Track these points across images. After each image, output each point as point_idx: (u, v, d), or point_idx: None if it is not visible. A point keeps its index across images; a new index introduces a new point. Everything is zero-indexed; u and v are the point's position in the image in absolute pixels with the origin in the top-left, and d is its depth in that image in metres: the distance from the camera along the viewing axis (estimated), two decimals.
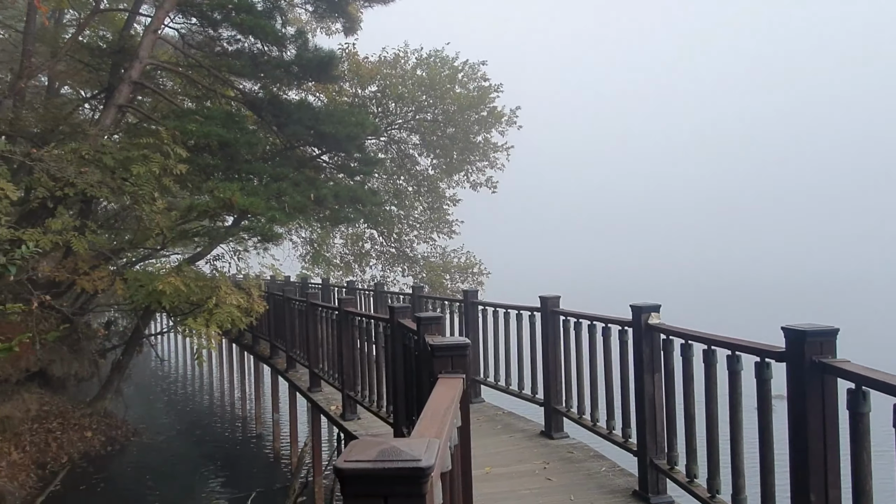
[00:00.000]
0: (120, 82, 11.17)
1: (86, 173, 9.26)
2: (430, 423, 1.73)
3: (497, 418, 6.58)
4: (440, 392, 2.15)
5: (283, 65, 10.94)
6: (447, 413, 1.86)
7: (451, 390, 2.19)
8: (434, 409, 1.91)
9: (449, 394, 2.12)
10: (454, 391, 2.19)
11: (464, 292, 7.33)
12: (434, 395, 2.08)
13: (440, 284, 15.56)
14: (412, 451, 1.11)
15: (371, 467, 1.08)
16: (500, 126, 15.78)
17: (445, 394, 2.11)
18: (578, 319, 5.30)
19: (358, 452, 1.13)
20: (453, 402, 2.02)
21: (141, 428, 13.30)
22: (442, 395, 2.09)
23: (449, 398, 2.06)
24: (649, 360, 4.19)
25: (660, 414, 4.20)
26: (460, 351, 2.46)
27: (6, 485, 9.78)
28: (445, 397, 2.05)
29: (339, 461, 1.11)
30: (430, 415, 1.82)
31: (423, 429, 1.69)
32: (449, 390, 2.18)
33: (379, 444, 1.12)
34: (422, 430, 1.68)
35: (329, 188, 10.48)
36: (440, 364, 2.46)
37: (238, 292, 9.26)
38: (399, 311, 5.16)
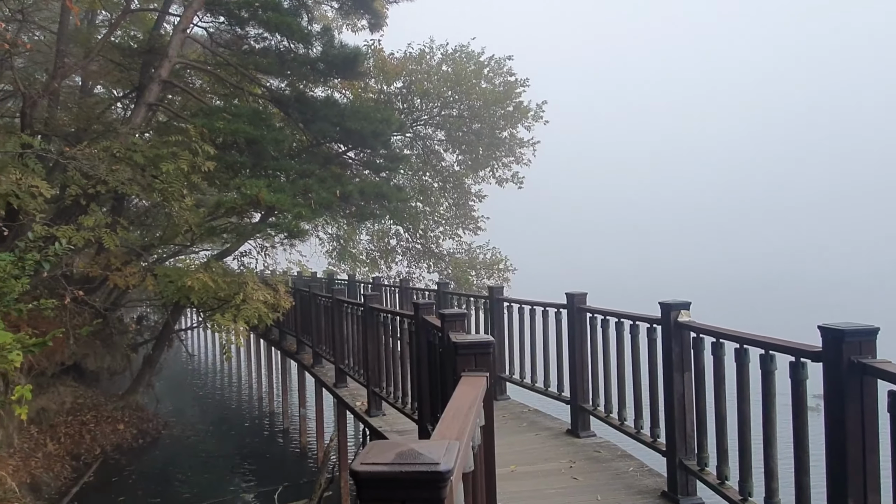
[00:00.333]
0: (150, 81, 11.34)
1: (117, 171, 9.42)
2: (452, 423, 1.68)
3: (522, 416, 6.52)
4: (463, 391, 2.10)
5: (309, 62, 11.00)
6: (469, 412, 1.82)
7: (474, 389, 2.14)
8: (456, 408, 1.86)
9: (472, 392, 2.08)
10: (477, 390, 2.15)
11: (489, 289, 7.27)
12: (456, 394, 2.03)
13: (466, 281, 15.52)
14: (431, 454, 1.07)
15: (388, 470, 1.04)
16: (526, 121, 15.67)
17: (468, 392, 2.07)
18: (606, 317, 5.21)
19: (375, 454, 1.09)
20: (476, 401, 1.98)
21: (171, 421, 13.54)
22: (464, 393, 2.05)
23: (472, 397, 2.01)
24: (679, 358, 4.09)
25: (689, 414, 4.11)
26: (484, 349, 2.42)
27: (42, 475, 10.03)
28: (468, 396, 2.01)
29: (356, 463, 1.08)
30: (451, 414, 1.78)
31: (444, 429, 1.65)
32: (472, 389, 2.14)
33: (397, 447, 1.08)
34: (443, 430, 1.64)
35: (355, 185, 10.51)
36: (463, 362, 2.41)
37: (265, 288, 9.35)
38: (423, 307, 5.13)
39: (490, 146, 15.79)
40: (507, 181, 16.40)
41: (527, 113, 15.54)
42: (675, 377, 4.11)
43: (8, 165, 8.89)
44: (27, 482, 9.60)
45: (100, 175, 9.30)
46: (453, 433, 1.61)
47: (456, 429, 1.65)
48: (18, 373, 10.41)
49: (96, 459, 11.04)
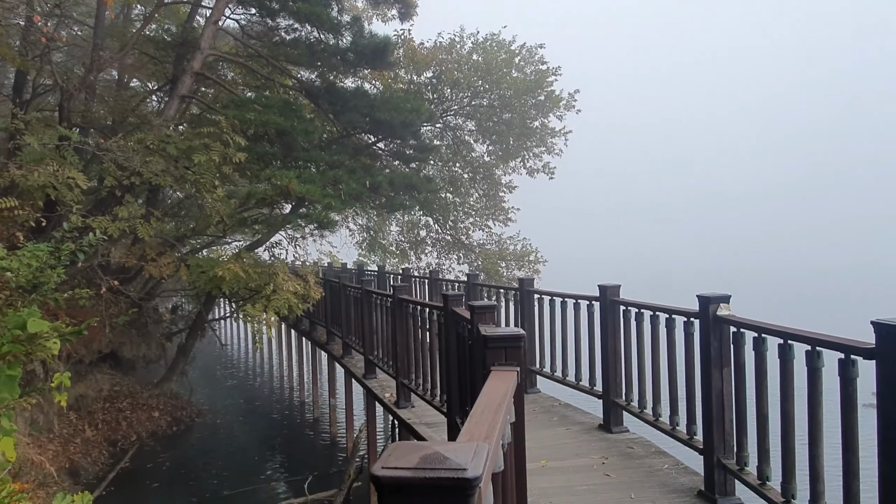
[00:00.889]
0: (182, 73, 11.44)
1: (150, 162, 9.53)
2: (481, 420, 1.60)
3: (553, 410, 6.41)
4: (492, 386, 2.01)
5: (339, 52, 10.96)
6: (499, 409, 1.73)
7: (504, 384, 2.05)
8: (485, 405, 1.78)
9: (502, 388, 1.98)
10: (507, 385, 2.05)
11: (519, 280, 7.16)
12: (486, 390, 1.95)
13: (496, 272, 15.38)
14: (458, 458, 0.99)
15: (412, 476, 0.96)
16: (557, 110, 15.41)
17: (498, 388, 1.98)
18: (640, 310, 5.06)
19: (398, 457, 1.01)
20: (506, 397, 1.89)
21: (204, 409, 13.75)
22: (494, 389, 1.96)
23: (501, 393, 1.92)
24: (718, 353, 3.94)
25: (728, 411, 3.95)
26: (515, 342, 2.32)
27: (80, 460, 10.27)
28: (498, 392, 1.92)
29: (377, 467, 1.00)
30: (480, 411, 1.69)
31: (472, 427, 1.56)
32: (502, 384, 2.04)
33: (421, 449, 1.00)
34: (471, 429, 1.55)
35: (384, 175, 10.47)
36: (493, 356, 2.32)
37: (295, 279, 9.38)
38: (453, 298, 5.05)
39: (521, 136, 15.58)
40: (538, 171, 16.18)
41: (558, 102, 15.28)
42: (714, 373, 3.95)
43: (46, 157, 9.05)
44: (66, 467, 9.85)
45: (134, 167, 9.43)
46: (482, 432, 1.53)
47: (485, 427, 1.56)
48: (57, 360, 10.65)
49: (132, 446, 11.27)
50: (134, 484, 9.68)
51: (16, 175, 8.59)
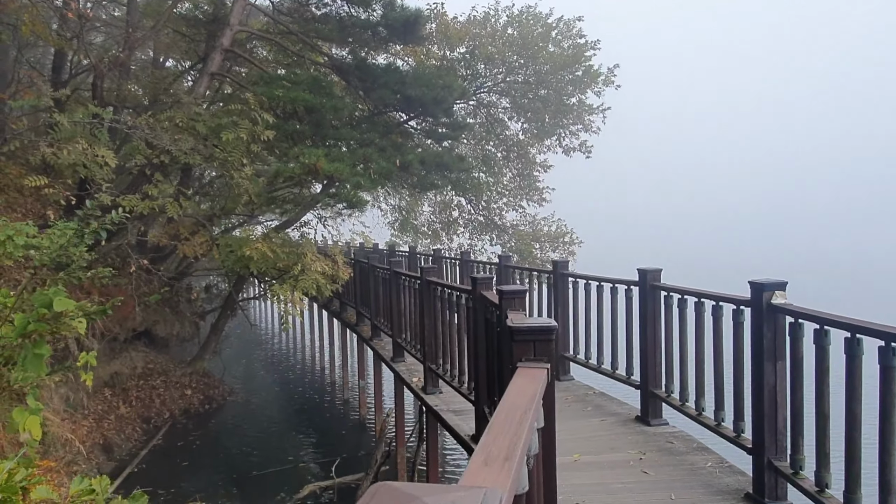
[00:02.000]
0: (212, 50, 11.30)
1: (179, 140, 9.43)
2: (500, 434, 1.32)
3: (588, 399, 6.11)
4: (518, 387, 1.74)
5: (369, 26, 10.67)
6: (524, 418, 1.45)
7: (531, 384, 1.77)
8: (508, 411, 1.50)
9: (529, 390, 1.70)
10: (536, 385, 1.77)
11: (553, 263, 6.83)
12: (510, 391, 1.67)
13: (529, 254, 15.02)
14: None
15: None
16: (595, 86, 14.84)
17: (524, 390, 1.70)
18: (683, 296, 4.70)
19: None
20: (533, 401, 1.60)
21: (237, 388, 13.83)
22: (520, 391, 1.68)
23: (528, 396, 1.64)
24: (771, 345, 3.57)
25: (782, 409, 3.60)
26: (545, 335, 2.04)
27: (114, 437, 10.38)
28: (524, 395, 1.64)
29: None
30: (502, 420, 1.41)
31: (490, 442, 1.29)
32: (529, 384, 1.76)
33: (410, 502, 0.73)
34: (489, 443, 1.28)
35: (415, 154, 10.19)
36: (521, 350, 2.04)
37: (323, 259, 9.21)
38: (482, 282, 4.77)
39: (557, 113, 15.07)
40: (575, 150, 15.67)
41: (597, 77, 14.70)
42: (766, 366, 3.60)
43: (76, 136, 9.00)
44: (100, 443, 9.94)
45: (163, 145, 9.34)
46: (502, 450, 1.25)
47: (506, 442, 1.28)
48: (92, 338, 10.77)
49: (165, 423, 11.35)
50: (165, 461, 9.73)
51: (46, 153, 8.57)
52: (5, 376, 5.85)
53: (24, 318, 5.38)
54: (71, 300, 5.95)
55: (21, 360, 5.50)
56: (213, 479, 9.08)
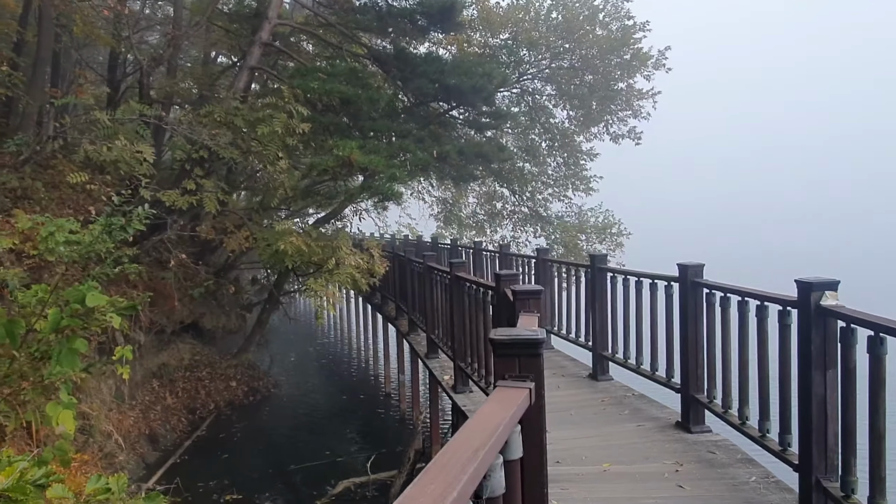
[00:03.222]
0: (251, 44, 11.33)
1: (217, 135, 9.46)
2: (434, 479, 1.07)
3: (625, 401, 5.75)
4: (483, 415, 1.47)
5: (406, 14, 10.45)
6: (473, 457, 1.19)
7: (502, 409, 1.50)
8: (456, 449, 1.24)
9: (495, 417, 1.44)
10: (507, 410, 1.50)
11: (590, 257, 6.48)
12: (468, 424, 1.40)
13: (574, 246, 14.53)
14: None
15: None
16: (645, 70, 14.16)
17: (489, 418, 1.43)
18: (726, 293, 4.30)
19: None
20: (495, 434, 1.34)
21: (281, 380, 13.96)
22: (482, 421, 1.41)
23: (491, 427, 1.38)
24: (820, 352, 3.18)
25: (832, 424, 3.20)
26: (531, 349, 1.76)
27: (159, 428, 10.58)
28: (485, 426, 1.37)
29: None
30: (440, 464, 1.16)
31: (416, 494, 1.04)
32: (499, 410, 1.49)
33: None
34: (412, 496, 1.03)
35: (453, 144, 9.93)
36: (503, 365, 1.78)
37: (359, 253, 9.09)
38: (505, 279, 4.50)
39: (604, 99, 14.48)
40: (623, 137, 15.03)
41: (646, 60, 14.02)
42: (814, 375, 3.20)
43: (118, 133, 9.13)
44: (146, 433, 10.14)
45: (202, 140, 9.39)
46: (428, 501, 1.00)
47: (433, 496, 1.03)
48: (138, 330, 11.01)
49: (210, 414, 11.52)
50: (207, 453, 9.85)
51: (88, 150, 8.72)
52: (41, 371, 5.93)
53: (56, 314, 5.41)
54: (104, 296, 5.98)
55: (55, 355, 5.55)
56: (250, 473, 9.13)
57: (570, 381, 6.49)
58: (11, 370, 5.75)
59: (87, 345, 6.82)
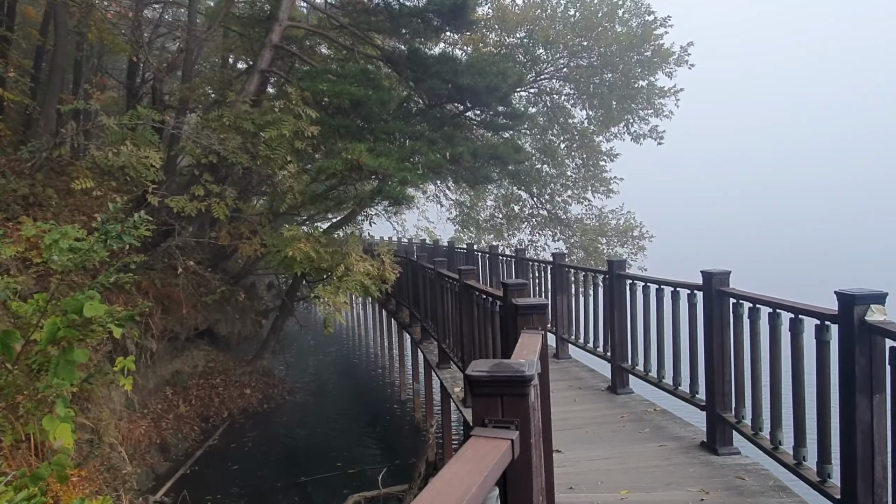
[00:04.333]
0: (262, 47, 11.15)
1: (225, 139, 9.27)
2: None
3: (645, 418, 5.37)
4: (450, 475, 1.15)
5: (417, 13, 10.16)
6: None
7: (469, 474, 1.18)
8: None
9: (462, 483, 1.11)
10: (477, 475, 1.18)
11: (608, 262, 6.10)
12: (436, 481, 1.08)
13: (595, 250, 14.09)
14: None
15: None
16: (667, 66, 13.66)
17: (455, 482, 1.11)
18: (755, 304, 3.92)
19: None
20: None
21: (297, 387, 13.75)
22: (438, 491, 1.09)
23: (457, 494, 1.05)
24: (866, 374, 2.80)
25: (880, 455, 2.82)
26: (515, 387, 1.44)
27: (171, 437, 10.41)
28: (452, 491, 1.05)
29: None
30: None
31: None
32: (466, 474, 1.17)
33: None
34: None
35: (466, 146, 9.61)
36: (483, 407, 1.46)
37: (369, 259, 8.82)
38: (513, 288, 4.15)
39: (624, 98, 14.01)
40: (645, 137, 14.54)
41: (668, 57, 13.53)
42: (859, 400, 2.82)
43: (126, 138, 8.99)
44: (157, 443, 9.97)
45: (211, 144, 9.22)
46: None
47: None
48: (150, 338, 10.88)
49: (223, 422, 11.34)
50: (217, 463, 9.66)
51: (96, 155, 8.59)
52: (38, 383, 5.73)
53: (53, 324, 5.20)
54: (102, 305, 5.76)
55: (53, 367, 5.34)
56: (260, 485, 8.90)
57: (587, 395, 6.12)
58: (6, 383, 5.56)
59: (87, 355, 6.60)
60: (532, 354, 2.19)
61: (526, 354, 2.16)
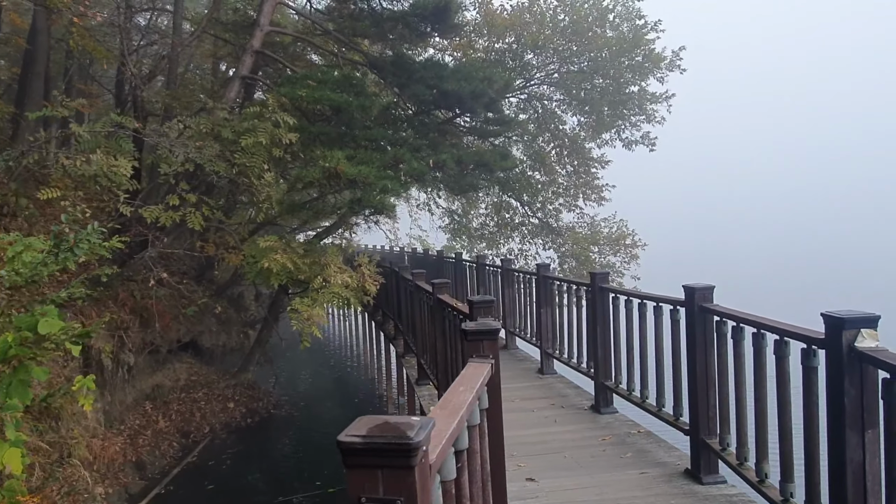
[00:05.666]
0: (243, 53, 10.92)
1: (201, 147, 9.01)
2: None
3: (628, 440, 5.05)
4: None
5: (400, 17, 9.91)
6: None
7: None
8: None
9: None
10: None
11: (591, 275, 5.80)
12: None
13: (587, 259, 13.77)
14: None
15: None
16: (658, 71, 13.39)
17: None
18: (739, 323, 3.62)
19: None
20: None
21: (283, 400, 13.41)
22: None
23: None
24: (856, 406, 2.49)
25: (874, 498, 2.51)
26: (396, 458, 1.14)
27: (148, 454, 10.08)
28: None
29: None
30: None
31: None
32: None
33: None
34: None
35: (450, 153, 9.32)
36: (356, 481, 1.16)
37: (349, 270, 8.52)
38: (479, 306, 3.87)
39: (616, 104, 13.72)
40: (637, 143, 14.25)
41: (659, 62, 13.26)
42: (849, 436, 2.51)
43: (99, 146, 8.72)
44: (132, 460, 9.63)
45: (188, 153, 8.95)
46: None
47: None
48: (129, 352, 10.56)
49: (204, 438, 11.00)
50: (194, 482, 9.32)
51: (66, 164, 8.32)
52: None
53: (3, 342, 4.90)
54: (59, 322, 5.46)
55: (4, 387, 5.03)
56: None
57: (569, 414, 5.81)
58: None
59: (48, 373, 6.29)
60: (468, 392, 1.88)
61: (461, 393, 1.85)
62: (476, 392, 1.97)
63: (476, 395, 1.95)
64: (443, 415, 1.60)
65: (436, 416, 1.55)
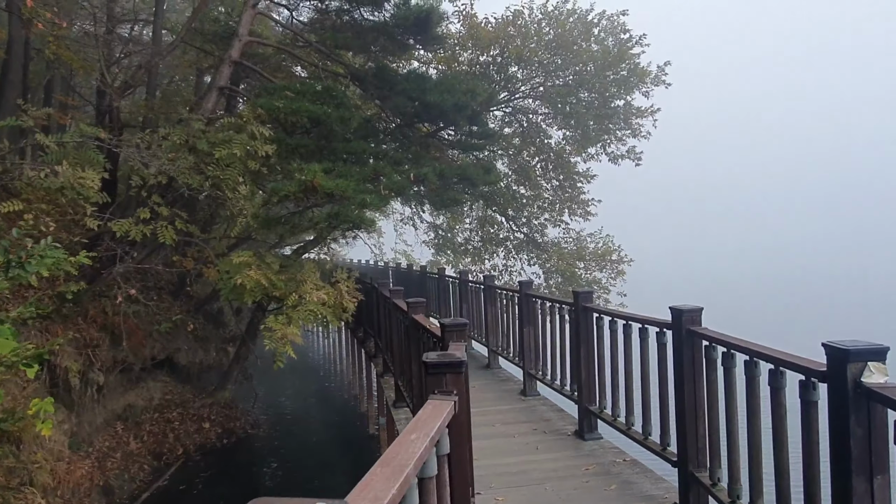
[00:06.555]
0: (220, 63, 10.66)
1: (175, 159, 8.71)
2: None
3: (613, 470, 4.77)
4: None
5: (381, 28, 9.70)
6: None
7: None
8: None
9: None
10: None
11: (574, 294, 5.54)
12: None
13: (573, 275, 13.54)
14: None
15: None
16: (643, 86, 13.27)
17: None
18: (730, 350, 3.37)
19: None
20: None
21: (262, 419, 13.01)
22: None
23: None
24: (864, 450, 2.23)
25: None
26: None
27: (116, 478, 9.65)
28: None
29: None
30: None
31: None
32: None
33: None
34: None
35: (432, 166, 9.08)
36: None
37: (326, 287, 8.22)
38: (450, 329, 3.60)
39: (601, 118, 13.57)
40: (622, 157, 14.10)
41: (644, 76, 13.14)
42: (856, 483, 2.25)
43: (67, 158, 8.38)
44: (100, 484, 9.22)
45: (160, 164, 8.65)
46: None
47: None
48: (98, 371, 10.15)
49: (177, 460, 10.60)
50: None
51: (31, 176, 7.98)
52: None
53: None
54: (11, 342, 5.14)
55: None
56: None
57: (551, 441, 5.52)
58: None
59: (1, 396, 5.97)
60: (420, 442, 1.60)
61: (412, 443, 1.57)
62: (432, 438, 1.69)
63: (433, 442, 1.67)
64: (383, 475, 1.32)
65: (374, 479, 1.27)
